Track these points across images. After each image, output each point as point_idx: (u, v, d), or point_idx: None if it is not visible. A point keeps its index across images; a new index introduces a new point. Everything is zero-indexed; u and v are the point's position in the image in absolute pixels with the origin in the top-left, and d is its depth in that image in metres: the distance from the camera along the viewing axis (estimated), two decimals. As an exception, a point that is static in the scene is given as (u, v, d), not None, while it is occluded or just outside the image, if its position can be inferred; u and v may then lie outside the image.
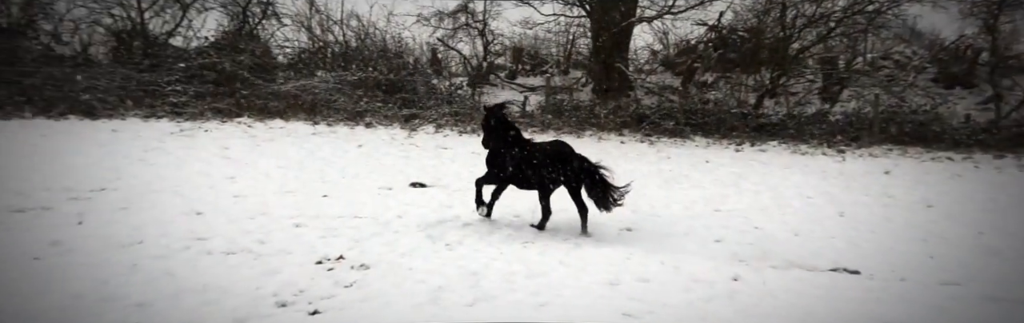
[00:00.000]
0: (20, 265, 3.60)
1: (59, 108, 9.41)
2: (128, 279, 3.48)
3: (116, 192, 5.87)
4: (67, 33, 12.47)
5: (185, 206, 5.48)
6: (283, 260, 4.09)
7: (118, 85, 10.37)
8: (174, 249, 4.17)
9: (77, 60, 11.39)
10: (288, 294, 3.44)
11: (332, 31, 14.34)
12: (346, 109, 11.40)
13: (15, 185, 5.68)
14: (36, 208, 5.03)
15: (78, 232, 4.40)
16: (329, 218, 5.42)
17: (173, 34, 13.23)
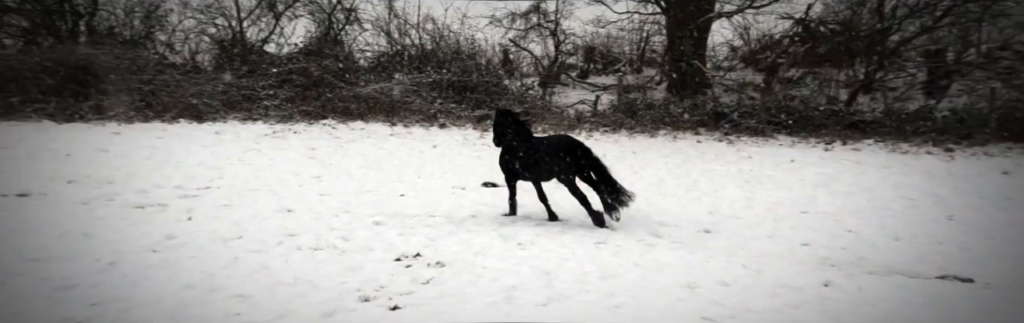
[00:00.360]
0: (142, 257, 4.01)
1: (172, 112, 10.35)
2: (231, 271, 3.79)
3: (219, 190, 6.38)
4: (178, 43, 13.70)
5: (277, 204, 5.87)
6: (365, 257, 4.30)
7: (221, 90, 11.25)
8: (269, 244, 4.48)
9: (186, 67, 12.47)
10: (370, 289, 3.61)
11: (409, 35, 14.86)
12: (421, 110, 11.76)
13: (136, 184, 6.31)
14: (154, 205, 5.57)
15: (188, 227, 4.84)
16: (406, 217, 5.63)
17: (267, 41, 14.20)
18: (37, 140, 8.04)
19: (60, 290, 3.31)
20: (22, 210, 5.04)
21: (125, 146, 8.23)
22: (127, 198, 5.73)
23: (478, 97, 12.53)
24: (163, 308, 3.13)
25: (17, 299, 3.15)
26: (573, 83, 15.46)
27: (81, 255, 3.93)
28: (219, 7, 13.67)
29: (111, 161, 7.32)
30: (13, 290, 3.27)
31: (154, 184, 6.39)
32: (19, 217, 4.81)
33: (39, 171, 6.47)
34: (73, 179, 6.28)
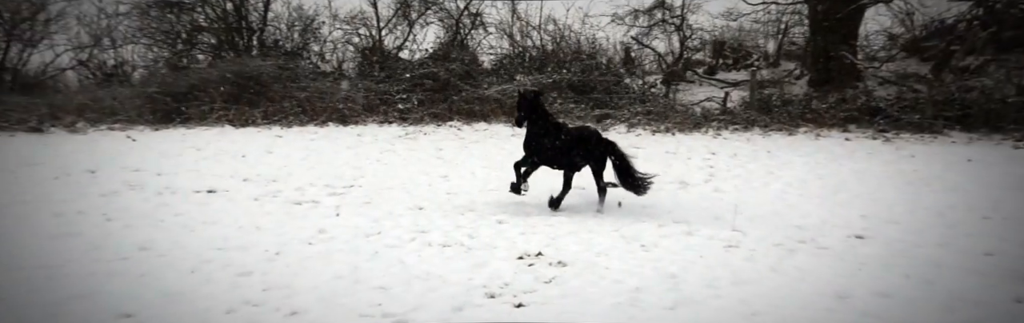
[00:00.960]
0: (300, 248, 4.55)
1: (322, 116, 11.54)
2: (372, 264, 4.18)
3: (361, 189, 7.02)
4: (328, 52, 15.22)
5: (410, 202, 6.32)
6: (489, 254, 4.51)
7: (362, 95, 12.33)
8: (404, 240, 4.87)
9: (334, 75, 13.81)
10: (495, 286, 3.79)
11: (531, 36, 15.15)
12: (543, 111, 11.96)
13: (295, 182, 7.15)
14: (309, 201, 6.28)
15: (336, 222, 5.39)
16: (527, 216, 5.79)
17: (401, 48, 15.27)
18: (220, 142, 9.39)
19: (240, 276, 3.87)
20: (210, 204, 5.94)
21: (286, 148, 9.33)
22: (288, 195, 6.51)
23: (598, 97, 12.47)
24: (318, 296, 3.54)
25: (207, 283, 3.74)
26: (699, 80, 14.80)
27: (254, 245, 4.56)
28: (362, 18, 14.98)
29: (275, 161, 8.34)
30: (205, 275, 3.88)
31: (308, 182, 7.17)
32: (207, 210, 5.68)
33: (222, 170, 7.57)
34: (247, 177, 7.26)
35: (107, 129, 10.01)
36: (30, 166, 7.15)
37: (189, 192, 6.40)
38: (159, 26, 13.66)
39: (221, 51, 14.05)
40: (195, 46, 14.16)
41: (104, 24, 13.82)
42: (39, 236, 4.62)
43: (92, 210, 5.45)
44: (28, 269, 3.87)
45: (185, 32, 13.81)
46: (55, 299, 3.37)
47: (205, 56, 14.13)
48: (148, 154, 8.27)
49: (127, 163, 7.63)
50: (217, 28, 14.03)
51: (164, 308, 3.29)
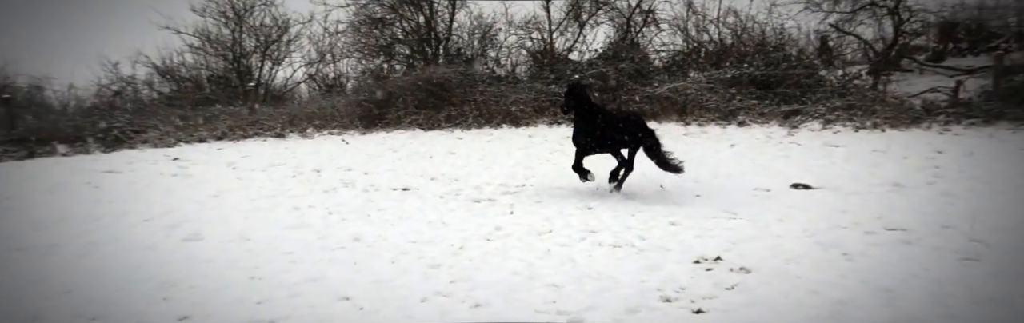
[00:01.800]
0: (480, 244, 4.93)
1: (497, 118, 12.27)
2: (545, 262, 4.37)
3: (532, 188, 7.34)
4: (503, 57, 16.13)
5: (579, 202, 6.44)
6: (662, 256, 4.42)
7: (532, 97, 12.83)
8: (574, 239, 4.99)
9: (508, 79, 14.58)
10: (670, 290, 3.72)
11: (707, 31, 14.37)
12: (718, 108, 11.28)
13: (473, 181, 7.72)
14: (486, 199, 6.74)
15: (511, 220, 5.72)
16: (702, 218, 5.55)
17: (571, 50, 15.55)
18: (412, 144, 10.50)
19: (430, 268, 4.32)
20: (405, 201, 6.70)
21: (466, 149, 10.10)
22: (468, 193, 7.06)
23: (786, 91, 11.39)
24: (497, 290, 3.82)
25: (404, 273, 4.24)
26: (919, 68, 12.71)
27: (441, 240, 5.06)
28: (535, 22, 15.56)
29: (457, 161, 9.09)
30: (402, 266, 4.41)
31: (486, 182, 7.70)
32: (403, 207, 6.41)
33: (413, 169, 8.48)
34: (434, 177, 8.04)
35: (328, 133, 11.77)
36: (276, 166, 8.73)
37: (388, 190, 7.28)
38: (366, 41, 15.66)
39: (413, 61, 15.64)
40: (393, 57, 15.96)
41: (327, 42, 16.27)
42: (280, 226, 5.62)
43: (318, 204, 6.48)
44: (271, 254, 4.75)
45: (386, 45, 15.65)
46: (295, 280, 4.08)
47: (401, 66, 15.87)
48: (357, 155, 9.56)
49: (342, 163, 8.92)
50: (411, 40, 15.66)
51: (374, 293, 3.82)
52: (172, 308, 3.59)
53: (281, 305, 3.63)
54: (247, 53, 15.42)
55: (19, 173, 8.31)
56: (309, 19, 16.11)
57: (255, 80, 15.05)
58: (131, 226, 5.57)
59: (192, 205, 6.39)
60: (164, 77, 14.93)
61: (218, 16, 15.00)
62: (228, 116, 12.17)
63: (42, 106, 13.22)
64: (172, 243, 5.05)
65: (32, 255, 4.73)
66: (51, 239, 5.11)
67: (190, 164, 8.83)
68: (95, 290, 3.90)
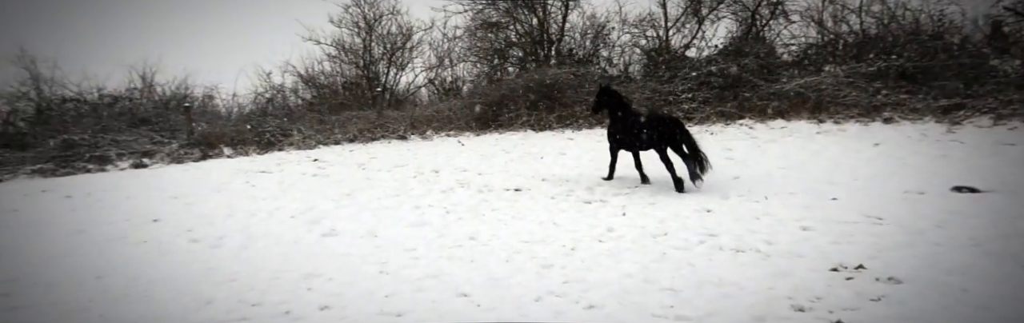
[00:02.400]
0: (592, 245, 4.89)
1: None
2: (660, 266, 4.23)
3: (645, 189, 7.13)
4: (616, 56, 15.89)
5: (696, 204, 6.15)
6: (792, 263, 4.10)
7: (646, 96, 12.49)
8: (692, 242, 4.78)
9: (620, 78, 14.33)
10: (803, 299, 3.44)
11: (846, 21, 13.13)
12: (858, 104, 10.22)
13: (586, 182, 7.68)
14: (597, 201, 6.67)
15: (623, 222, 5.61)
16: (840, 223, 5.08)
17: (689, 46, 14.94)
18: (524, 145, 10.68)
19: (543, 268, 4.36)
20: (517, 201, 6.82)
21: (577, 149, 10.07)
22: (579, 194, 7.02)
23: (945, 84, 10.05)
24: (611, 291, 3.76)
25: (518, 272, 4.31)
26: None
27: (553, 240, 5.08)
28: (651, 20, 15.18)
29: (568, 162, 9.09)
30: (516, 265, 4.49)
31: (597, 183, 7.62)
32: (516, 207, 6.53)
33: (525, 170, 8.61)
34: (545, 177, 8.10)
35: (446, 136, 12.34)
36: (399, 167, 9.30)
37: (501, 190, 7.46)
38: (481, 45, 16.21)
39: (526, 63, 15.92)
40: (507, 60, 16.36)
41: (445, 47, 17.08)
42: (404, 224, 5.98)
43: (436, 204, 6.81)
44: (396, 250, 5.06)
45: (500, 48, 16.08)
46: (418, 276, 4.31)
47: (514, 68, 16.21)
48: (472, 156, 9.92)
49: (458, 164, 9.30)
50: (524, 42, 15.96)
51: (490, 291, 3.92)
52: (314, 298, 3.94)
53: (406, 299, 3.85)
54: (375, 60, 16.60)
55: (195, 173, 9.59)
56: (430, 26, 17.03)
57: (381, 85, 16.17)
58: (280, 222, 6.21)
59: (329, 203, 6.99)
60: (306, 84, 16.51)
61: (352, 27, 16.31)
62: (358, 120, 13.18)
63: (212, 113, 15.17)
64: (313, 238, 5.56)
65: (205, 246, 5.42)
66: (219, 232, 5.84)
67: (327, 165, 9.67)
68: (254, 279, 4.39)
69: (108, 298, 4.03)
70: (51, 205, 7.35)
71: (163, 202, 7.27)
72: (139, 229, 6.01)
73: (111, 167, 10.55)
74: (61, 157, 10.70)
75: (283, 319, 3.61)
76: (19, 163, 10.49)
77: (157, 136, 11.98)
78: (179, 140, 11.76)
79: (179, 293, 4.10)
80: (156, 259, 5.00)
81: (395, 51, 16.67)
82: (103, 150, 11.00)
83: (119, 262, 4.90)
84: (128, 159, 10.82)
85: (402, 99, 16.66)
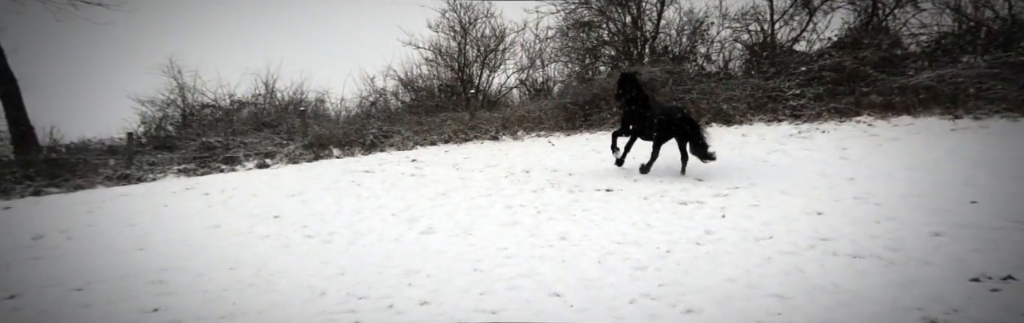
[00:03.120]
0: (689, 248, 4.69)
1: (706, 117, 11.58)
2: (765, 270, 3.97)
3: (746, 190, 6.73)
4: (715, 53, 15.19)
5: (806, 206, 5.72)
6: (920, 271, 3.71)
7: (748, 93, 11.82)
8: (801, 246, 4.44)
9: (719, 75, 13.68)
10: (936, 311, 3.09)
11: (991, 6, 11.67)
12: (1005, 98, 9.02)
13: (681, 183, 7.39)
14: (693, 202, 6.40)
15: (722, 224, 5.33)
16: (980, 228, 4.52)
17: (798, 40, 13.95)
18: (603, 143, 10.48)
19: (636, 270, 4.24)
20: (609, 202, 6.69)
21: (673, 150, 9.73)
22: (674, 195, 6.77)
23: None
24: (712, 296, 3.58)
25: (611, 273, 4.22)
26: None
27: (647, 242, 4.93)
28: (754, 13, 14.36)
29: (659, 163, 8.80)
30: (608, 266, 4.40)
31: (693, 183, 7.30)
32: (607, 207, 6.41)
33: (614, 171, 8.45)
34: (637, 178, 7.89)
35: (536, 136, 12.40)
36: (491, 167, 9.47)
37: (592, 190, 7.35)
38: (573, 45, 16.14)
39: (618, 62, 15.63)
40: (598, 59, 16.16)
41: (537, 48, 17.20)
42: (496, 223, 6.06)
43: (528, 203, 6.84)
44: (489, 249, 5.13)
45: (592, 47, 15.92)
46: (511, 274, 4.36)
47: (606, 67, 15.97)
48: (562, 156, 9.88)
49: (548, 164, 9.30)
50: (616, 41, 15.70)
51: (582, 292, 3.88)
52: (415, 293, 4.10)
53: (500, 297, 3.90)
54: (469, 63, 17.04)
55: (308, 172, 10.31)
56: (522, 27, 17.17)
57: (475, 87, 16.57)
58: (383, 219, 6.52)
59: (426, 202, 7.25)
60: (406, 88, 17.29)
61: (448, 31, 16.86)
62: (453, 121, 13.58)
63: (323, 116, 16.29)
64: (412, 235, 5.79)
65: (318, 241, 5.81)
66: (330, 228, 6.23)
67: (424, 165, 10.05)
68: (360, 273, 4.64)
69: (239, 287, 4.42)
70: (193, 201, 8.20)
71: (282, 199, 7.88)
72: (263, 224, 6.56)
73: (239, 167, 11.63)
74: (200, 158, 11.96)
75: (386, 313, 3.78)
76: (168, 163, 11.85)
77: (277, 138, 13.05)
78: (295, 142, 12.74)
79: (297, 284, 4.42)
80: (277, 252, 5.43)
81: (488, 53, 17.01)
82: (233, 151, 12.16)
83: (247, 254, 5.38)
84: (253, 160, 11.87)
85: (494, 100, 16.96)
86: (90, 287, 4.55)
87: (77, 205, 8.13)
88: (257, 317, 3.77)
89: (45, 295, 4.40)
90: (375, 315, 3.75)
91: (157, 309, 4.01)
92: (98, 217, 7.30)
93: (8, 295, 4.42)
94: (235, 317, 3.78)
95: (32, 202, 8.78)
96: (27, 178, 10.77)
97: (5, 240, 6.24)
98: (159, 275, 4.81)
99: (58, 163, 11.42)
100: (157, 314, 3.92)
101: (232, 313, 3.85)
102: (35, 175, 10.88)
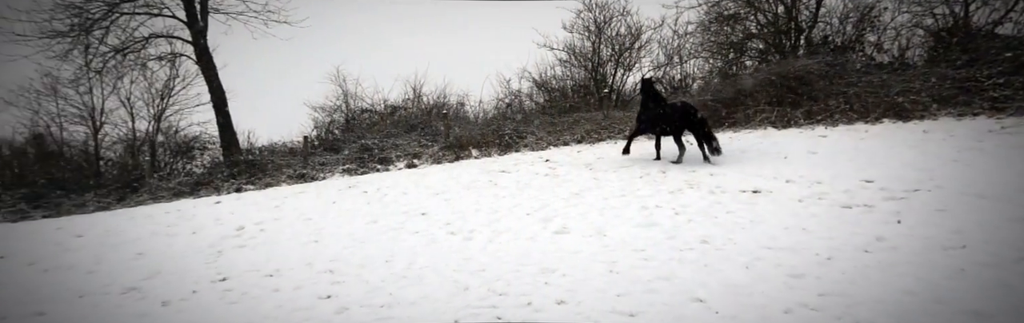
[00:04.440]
0: (855, 255, 4.16)
1: (875, 113, 10.26)
2: (957, 284, 3.39)
3: (929, 193, 5.82)
4: (888, 41, 13.39)
5: (1011, 212, 4.79)
6: None
7: (930, 85, 10.25)
8: (1004, 259, 3.74)
9: (893, 66, 12.05)
10: None
11: None
12: None
13: (841, 184, 6.60)
14: (860, 205, 5.68)
15: (897, 230, 4.66)
16: None
17: (1000, 22, 11.80)
18: (762, 144, 9.67)
19: (792, 277, 3.85)
20: (756, 204, 6.18)
21: (830, 148, 8.73)
22: (835, 198, 6.07)
23: None
24: (885, 310, 3.13)
25: (761, 280, 3.89)
26: None
27: (803, 247, 4.46)
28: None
29: (819, 162, 7.93)
30: (758, 272, 4.05)
31: (858, 185, 6.49)
32: (754, 210, 5.92)
33: (765, 171, 7.77)
34: (789, 179, 7.19)
35: (673, 135, 11.90)
36: (625, 167, 9.24)
37: (736, 191, 6.84)
38: (716, 39, 15.25)
39: (768, 55, 14.45)
40: (744, 53, 15.08)
41: (675, 44, 16.56)
42: (631, 224, 5.88)
43: (664, 204, 6.56)
44: (624, 250, 4.98)
45: (737, 41, 14.91)
46: (649, 277, 4.20)
47: (752, 62, 14.85)
48: (701, 156, 9.35)
49: (686, 164, 8.85)
50: (766, 33, 14.53)
51: (728, 298, 3.61)
52: (552, 292, 4.12)
53: (637, 300, 3.77)
54: (603, 62, 16.85)
55: (450, 172, 10.85)
56: (659, 24, 16.58)
57: (608, 87, 16.32)
58: (518, 218, 6.66)
59: (559, 202, 7.26)
60: (540, 89, 17.57)
61: (582, 31, 16.84)
62: (586, 121, 13.50)
63: (463, 118, 17.13)
64: (547, 235, 5.84)
65: (460, 238, 6.09)
66: (470, 226, 6.51)
67: (557, 165, 10.10)
68: (499, 270, 4.77)
69: (394, 279, 4.78)
70: (355, 198, 9.02)
71: (428, 198, 8.39)
72: (412, 221, 7.03)
73: (392, 167, 12.63)
74: (360, 158, 13.21)
75: (525, 310, 3.84)
76: (335, 163, 13.23)
77: (423, 140, 13.97)
78: (439, 143, 13.54)
79: (443, 279, 4.67)
80: (424, 248, 5.78)
81: (623, 52, 16.68)
82: (386, 153, 13.25)
83: (399, 248, 5.80)
84: (403, 160, 12.83)
85: (628, 100, 16.59)
86: (279, 274, 5.21)
87: (267, 200, 9.36)
88: (410, 308, 4.03)
89: (247, 279, 5.12)
90: (515, 311, 3.82)
91: (330, 296, 4.46)
92: (283, 212, 8.34)
93: (221, 277, 5.21)
94: (392, 307, 4.08)
95: (235, 198, 10.29)
96: (232, 177, 12.70)
97: (218, 230, 7.37)
98: (330, 265, 5.36)
99: (254, 164, 13.29)
100: (329, 301, 4.36)
101: (389, 303, 4.15)
102: (238, 174, 12.78)
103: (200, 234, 7.24)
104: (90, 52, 13.48)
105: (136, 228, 7.90)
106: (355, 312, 4.06)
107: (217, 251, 6.32)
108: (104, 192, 13.17)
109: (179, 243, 6.83)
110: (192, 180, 12.87)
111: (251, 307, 4.36)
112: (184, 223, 8.04)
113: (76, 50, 13.29)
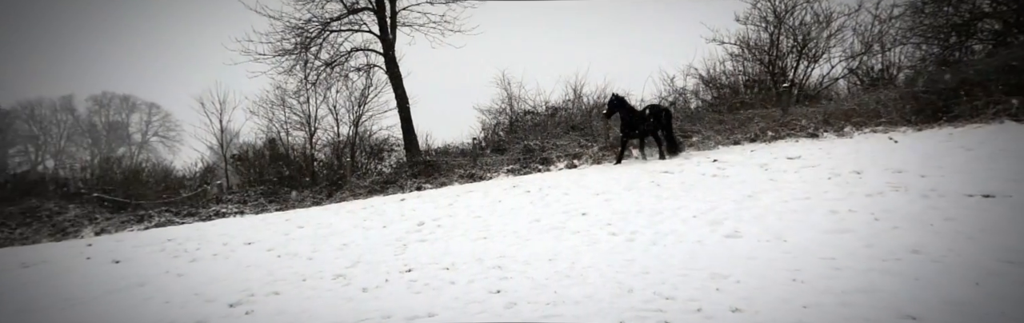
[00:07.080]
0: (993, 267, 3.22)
1: None
2: None
3: None
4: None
5: None
6: None
7: None
8: None
9: None
10: None
11: None
12: None
13: None
14: None
15: None
16: None
17: None
18: (996, 142, 8.00)
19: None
20: (989, 210, 5.12)
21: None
22: None
23: None
24: None
25: (995, 297, 3.20)
26: None
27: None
28: None
29: None
30: (989, 289, 3.35)
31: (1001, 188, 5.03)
32: (986, 217, 4.91)
33: (1000, 173, 6.41)
34: (1036, 182, 5.84)
35: (870, 131, 10.37)
36: (808, 167, 8.26)
37: (960, 196, 5.75)
38: (931, 22, 12.98)
39: (1006, 37, 11.91)
40: (972, 36, 12.60)
41: (876, 30, 14.48)
42: (817, 230, 5.25)
43: (860, 209, 5.74)
44: (809, 258, 4.44)
45: (961, 23, 12.51)
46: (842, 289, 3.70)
47: (983, 45, 12.36)
48: (910, 155, 8.00)
49: (889, 164, 7.63)
50: (1004, 10, 12.00)
51: (947, 316, 3.04)
52: (724, 299, 3.85)
53: (830, 313, 3.35)
54: (783, 54, 15.30)
55: (610, 173, 10.72)
56: (856, 8, 14.59)
57: (789, 81, 14.76)
58: (683, 220, 6.33)
59: (729, 204, 6.76)
60: (707, 86, 16.52)
61: (759, 22, 15.47)
62: (760, 118, 12.39)
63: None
64: (715, 238, 5.46)
65: (621, 239, 5.91)
66: (632, 227, 6.31)
67: (727, 165, 9.41)
68: (664, 274, 4.57)
69: (557, 277, 4.83)
70: (519, 197, 9.22)
71: (588, 198, 8.37)
72: (573, 220, 7.06)
73: (553, 167, 12.88)
74: (523, 159, 13.70)
75: (696, 316, 3.63)
76: (500, 164, 13.89)
77: (583, 140, 14.02)
78: (598, 143, 13.47)
79: (606, 279, 4.61)
80: (586, 248, 5.77)
81: (807, 42, 15.01)
82: (547, 153, 13.55)
83: (561, 247, 5.87)
84: (563, 161, 13.00)
85: (812, 94, 14.87)
86: (454, 267, 5.59)
87: (442, 198, 10.13)
88: (574, 307, 4.04)
89: (427, 271, 5.57)
90: (684, 316, 3.63)
91: (499, 291, 4.66)
92: (455, 209, 8.95)
93: (407, 269, 5.76)
94: (557, 305, 4.13)
95: (416, 195, 11.33)
96: (413, 176, 14.02)
97: (403, 225, 8.14)
98: (498, 261, 5.60)
99: (431, 164, 14.52)
100: (499, 295, 4.55)
101: (554, 301, 4.21)
102: (418, 174, 14.07)
103: (389, 228, 8.04)
104: (308, 67, 15.81)
105: (341, 221, 9.04)
106: (523, 308, 4.17)
107: (403, 244, 6.95)
108: (317, 189, 15.34)
109: (373, 236, 7.66)
110: (382, 179, 14.41)
111: (433, 297, 4.71)
112: (376, 218, 9.01)
113: (297, 65, 15.67)
